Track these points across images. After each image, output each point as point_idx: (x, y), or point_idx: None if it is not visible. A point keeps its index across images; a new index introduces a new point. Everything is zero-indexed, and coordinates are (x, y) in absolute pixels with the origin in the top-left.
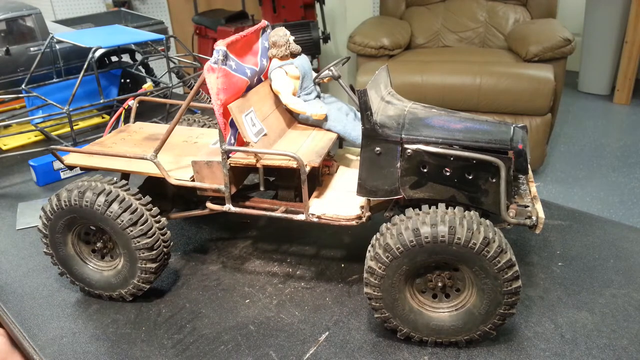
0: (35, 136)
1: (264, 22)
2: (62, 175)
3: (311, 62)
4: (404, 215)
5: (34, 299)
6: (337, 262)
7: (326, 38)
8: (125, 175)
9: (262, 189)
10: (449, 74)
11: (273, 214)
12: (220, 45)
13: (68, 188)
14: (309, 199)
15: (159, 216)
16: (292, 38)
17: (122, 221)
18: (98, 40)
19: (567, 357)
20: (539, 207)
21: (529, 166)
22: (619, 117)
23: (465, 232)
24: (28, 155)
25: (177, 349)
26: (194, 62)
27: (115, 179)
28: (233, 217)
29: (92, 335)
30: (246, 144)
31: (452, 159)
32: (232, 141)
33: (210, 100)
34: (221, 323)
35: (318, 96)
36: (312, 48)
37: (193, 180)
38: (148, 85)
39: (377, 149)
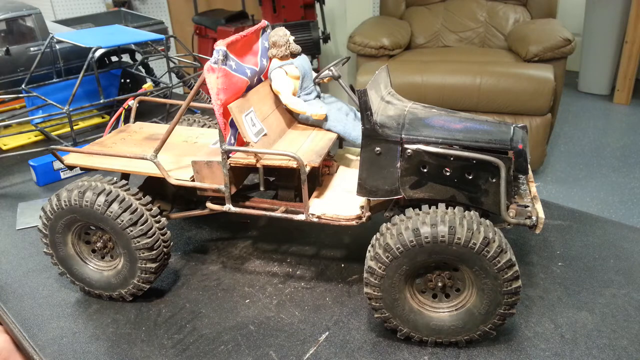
0: (35, 136)
1: (264, 22)
2: (62, 175)
3: (311, 62)
4: (404, 215)
5: (34, 299)
6: (337, 262)
7: (326, 38)
8: (125, 175)
9: (262, 189)
10: (449, 74)
11: (273, 214)
12: (220, 45)
13: (68, 188)
14: (309, 199)
15: (159, 216)
16: (292, 38)
17: (122, 221)
18: (98, 40)
19: (567, 357)
20: (539, 207)
21: (529, 166)
22: (619, 117)
23: (465, 232)
24: (28, 155)
25: (177, 349)
26: (194, 62)
27: (115, 179)
28: (233, 217)
29: (92, 335)
30: (246, 144)
31: (452, 159)
32: (232, 141)
33: (210, 100)
34: (221, 323)
35: (318, 96)
36: (312, 48)
37: (193, 180)
38: (148, 85)
39: (377, 149)
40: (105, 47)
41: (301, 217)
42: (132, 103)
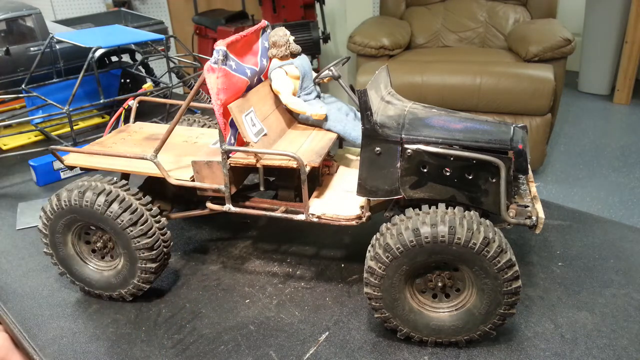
0: (35, 136)
1: (264, 22)
2: (62, 175)
3: (311, 62)
4: (404, 215)
5: (34, 299)
6: (337, 262)
7: (326, 38)
8: (125, 175)
9: (262, 189)
10: (449, 74)
11: (273, 214)
12: (220, 45)
13: (68, 188)
14: (309, 199)
15: (159, 216)
16: (292, 38)
17: (122, 221)
18: (98, 40)
19: (567, 357)
20: (539, 207)
21: (529, 166)
22: (619, 117)
23: (465, 232)
24: (28, 155)
25: (177, 349)
26: (194, 62)
27: (115, 179)
28: (233, 217)
29: (92, 335)
30: (246, 144)
31: (452, 159)
32: (232, 141)
33: (210, 100)
34: (221, 323)
35: (318, 96)
36: (312, 48)
37: (193, 180)
38: (148, 85)
39: (377, 149)
40: (105, 47)
41: (301, 217)
42: (132, 103)
